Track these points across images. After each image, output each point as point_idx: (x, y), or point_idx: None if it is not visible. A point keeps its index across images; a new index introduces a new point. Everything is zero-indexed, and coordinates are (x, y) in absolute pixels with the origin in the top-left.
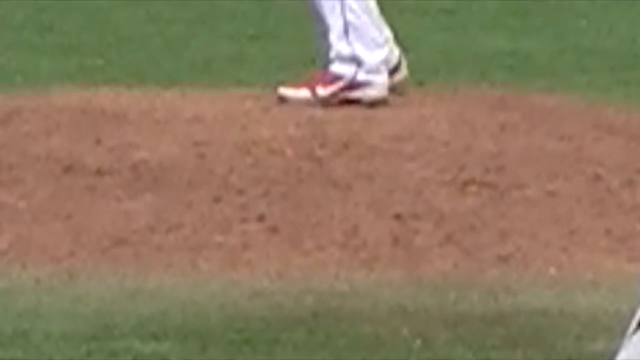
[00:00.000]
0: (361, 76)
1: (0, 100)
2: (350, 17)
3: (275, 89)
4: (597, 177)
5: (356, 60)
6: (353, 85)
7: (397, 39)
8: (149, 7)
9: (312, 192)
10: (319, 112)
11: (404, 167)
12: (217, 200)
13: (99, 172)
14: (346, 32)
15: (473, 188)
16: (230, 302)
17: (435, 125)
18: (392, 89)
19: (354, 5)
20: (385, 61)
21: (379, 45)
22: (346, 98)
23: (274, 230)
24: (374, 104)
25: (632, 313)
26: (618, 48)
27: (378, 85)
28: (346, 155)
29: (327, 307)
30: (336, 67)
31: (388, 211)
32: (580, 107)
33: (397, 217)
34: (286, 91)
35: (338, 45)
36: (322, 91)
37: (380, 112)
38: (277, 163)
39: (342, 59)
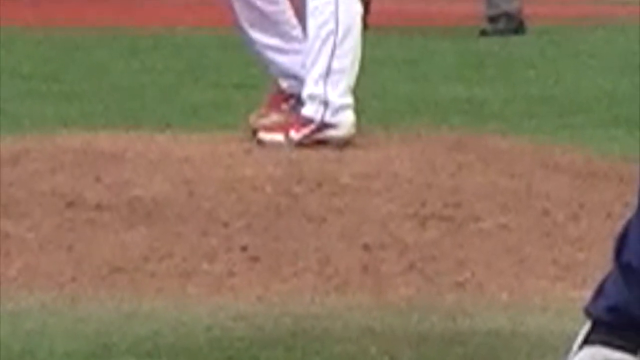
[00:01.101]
0: (328, 117)
1: (10, 142)
2: (335, 63)
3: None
4: (545, 212)
5: (324, 102)
6: (321, 127)
7: (366, 88)
8: (143, 59)
9: (290, 225)
10: (295, 154)
11: (371, 203)
12: (204, 232)
13: (99, 207)
14: (327, 75)
15: (433, 221)
16: (216, 323)
17: (399, 165)
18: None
19: (340, 51)
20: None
21: (350, 91)
22: (317, 139)
23: (255, 259)
24: (342, 144)
25: (576, 335)
26: (564, 96)
27: (345, 125)
28: (320, 192)
29: (304, 328)
30: (307, 110)
31: (357, 242)
32: (530, 148)
33: (366, 247)
34: (264, 136)
35: (314, 87)
36: (295, 135)
37: (350, 153)
38: (258, 199)
39: (312, 100)
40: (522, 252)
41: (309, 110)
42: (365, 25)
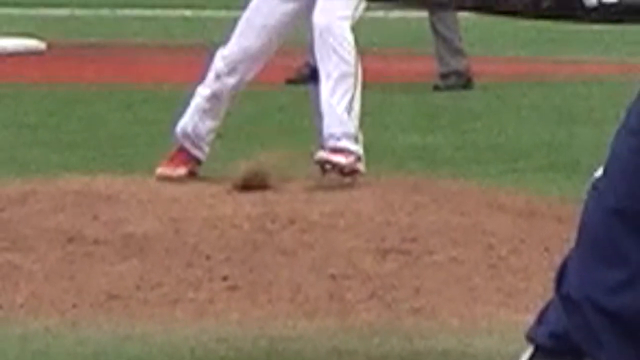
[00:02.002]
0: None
1: (18, 185)
2: (355, 104)
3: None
4: (490, 246)
5: (356, 137)
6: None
7: None
8: (136, 112)
9: (265, 258)
10: (270, 194)
11: (338, 238)
12: (189, 264)
13: (96, 242)
14: (349, 113)
15: (392, 255)
16: (201, 345)
17: (362, 205)
18: None
19: (358, 93)
20: None
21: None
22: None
23: (235, 288)
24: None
25: (518, 356)
26: (507, 144)
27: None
28: (291, 229)
29: (278, 349)
30: (353, 146)
31: (325, 273)
32: (477, 190)
33: (332, 277)
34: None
35: (351, 126)
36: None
37: (319, 194)
38: (237, 235)
39: (350, 137)
40: (471, 282)
41: (354, 146)
42: None
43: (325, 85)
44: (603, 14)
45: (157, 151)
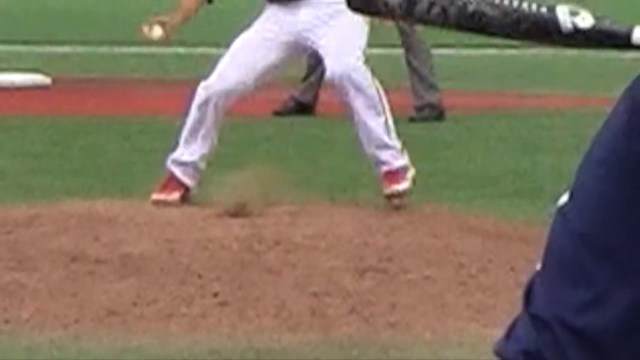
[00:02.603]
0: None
1: (24, 209)
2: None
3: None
4: (461, 265)
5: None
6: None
7: (315, 166)
8: (133, 141)
9: (252, 277)
10: (256, 218)
11: (319, 258)
12: (182, 282)
13: (97, 262)
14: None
15: (370, 273)
16: (193, 357)
17: (342, 227)
18: None
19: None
20: None
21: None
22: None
23: (225, 304)
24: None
25: None
26: (476, 171)
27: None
28: (277, 250)
29: None
30: (401, 161)
31: (307, 290)
32: (449, 214)
33: (314, 294)
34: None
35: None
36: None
37: (302, 218)
38: (226, 255)
39: (399, 151)
40: (443, 299)
41: (402, 160)
42: (313, 112)
43: (360, 120)
44: (578, 39)
45: (153, 178)
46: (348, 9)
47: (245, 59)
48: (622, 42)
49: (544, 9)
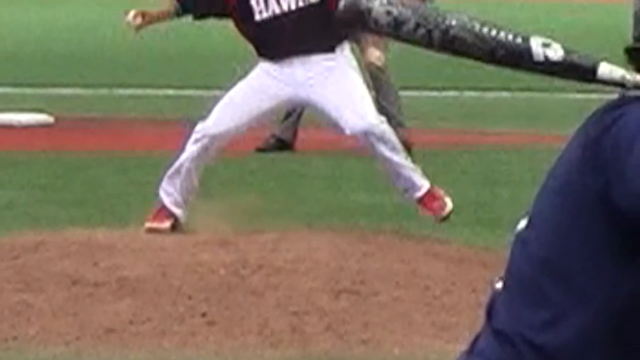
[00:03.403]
0: None
1: (31, 236)
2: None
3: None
4: (427, 287)
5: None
6: None
7: (294, 195)
8: (130, 175)
9: (238, 298)
10: (242, 244)
11: (299, 281)
12: (174, 303)
13: (96, 284)
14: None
15: (344, 294)
16: None
17: (319, 253)
18: None
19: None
20: None
21: None
22: None
23: (212, 323)
24: None
25: None
26: None
27: None
28: (260, 273)
29: None
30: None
31: (288, 310)
32: (416, 240)
33: (294, 313)
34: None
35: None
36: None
37: (283, 244)
38: (214, 278)
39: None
40: (410, 317)
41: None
42: (292, 148)
43: (387, 162)
44: (548, 69)
45: (148, 208)
46: (339, 22)
47: (241, 107)
48: (588, 75)
49: (519, 39)
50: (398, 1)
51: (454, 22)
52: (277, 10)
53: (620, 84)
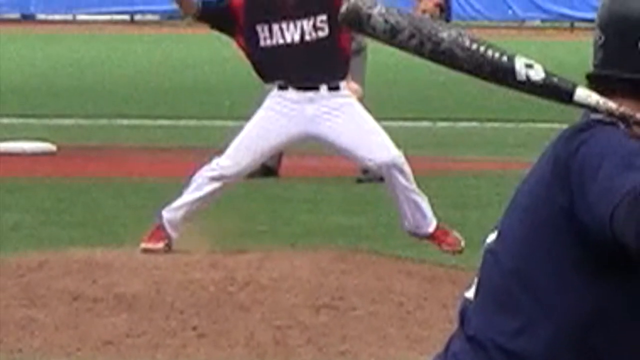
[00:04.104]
0: None
1: (35, 256)
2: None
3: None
4: (400, 303)
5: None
6: None
7: (278, 217)
8: (126, 199)
9: (226, 313)
10: (230, 263)
11: (282, 297)
12: (167, 317)
13: (95, 300)
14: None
15: (325, 310)
16: None
17: (301, 271)
18: None
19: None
20: None
21: None
22: None
23: (202, 336)
24: None
25: None
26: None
27: None
28: (247, 290)
29: None
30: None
31: (272, 324)
32: (390, 260)
33: (278, 327)
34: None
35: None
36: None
37: (267, 263)
38: (204, 294)
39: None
40: (385, 331)
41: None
42: (277, 174)
43: (403, 194)
44: (529, 88)
45: (143, 230)
46: (341, 24)
47: (257, 146)
48: (565, 98)
49: (504, 58)
50: (396, 11)
51: (445, 36)
52: (281, 41)
53: (594, 109)
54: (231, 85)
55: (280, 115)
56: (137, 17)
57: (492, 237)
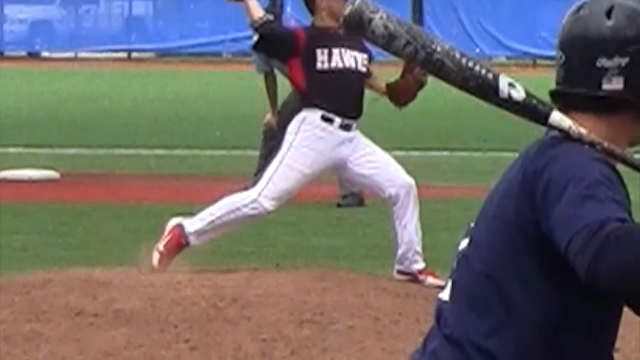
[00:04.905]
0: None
1: (41, 275)
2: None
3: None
4: (377, 319)
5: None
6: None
7: (262, 240)
8: (124, 223)
9: (216, 327)
10: (219, 281)
11: (268, 312)
12: (162, 331)
13: (96, 315)
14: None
15: (307, 324)
16: None
17: (285, 288)
18: None
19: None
20: None
21: None
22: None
23: (194, 348)
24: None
25: None
26: (389, 245)
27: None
28: (235, 306)
29: None
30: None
31: (258, 337)
32: (368, 278)
33: (264, 340)
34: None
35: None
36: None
37: (254, 281)
38: (196, 310)
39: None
40: (363, 344)
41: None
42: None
43: (412, 221)
44: (509, 106)
45: (139, 251)
46: (342, 28)
47: (296, 184)
48: (541, 119)
49: (490, 75)
50: (396, 19)
51: (439, 48)
52: (340, 65)
53: (566, 132)
54: (221, 118)
55: (322, 144)
56: (134, 55)
57: (464, 243)
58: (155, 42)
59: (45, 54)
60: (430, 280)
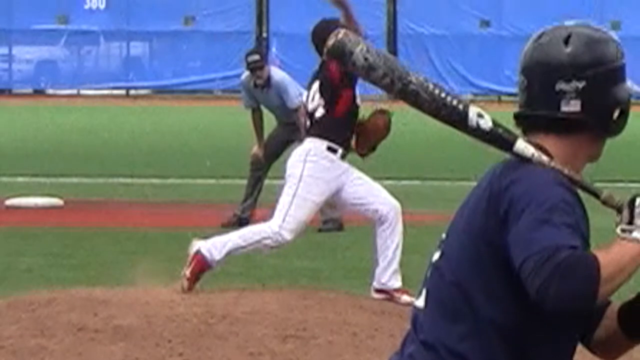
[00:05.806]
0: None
1: (45, 294)
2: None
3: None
4: (354, 333)
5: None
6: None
7: (247, 263)
8: (122, 246)
9: (207, 342)
10: (210, 300)
11: (254, 327)
12: (157, 345)
13: (96, 331)
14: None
15: (291, 339)
16: None
17: (270, 306)
18: None
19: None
20: None
21: None
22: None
23: None
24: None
25: None
26: (366, 267)
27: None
28: (224, 322)
29: None
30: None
31: (246, 351)
32: (346, 296)
33: (251, 354)
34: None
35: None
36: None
37: (242, 299)
38: (188, 326)
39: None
40: (342, 357)
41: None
42: (247, 223)
43: (396, 240)
44: (477, 134)
45: (135, 272)
46: (327, 54)
47: (310, 213)
48: (506, 147)
49: (460, 106)
50: (375, 51)
51: (414, 79)
52: (358, 102)
53: (529, 159)
54: (211, 149)
55: (329, 173)
56: (132, 91)
57: (436, 254)
58: (151, 79)
59: (50, 91)
60: (405, 298)
